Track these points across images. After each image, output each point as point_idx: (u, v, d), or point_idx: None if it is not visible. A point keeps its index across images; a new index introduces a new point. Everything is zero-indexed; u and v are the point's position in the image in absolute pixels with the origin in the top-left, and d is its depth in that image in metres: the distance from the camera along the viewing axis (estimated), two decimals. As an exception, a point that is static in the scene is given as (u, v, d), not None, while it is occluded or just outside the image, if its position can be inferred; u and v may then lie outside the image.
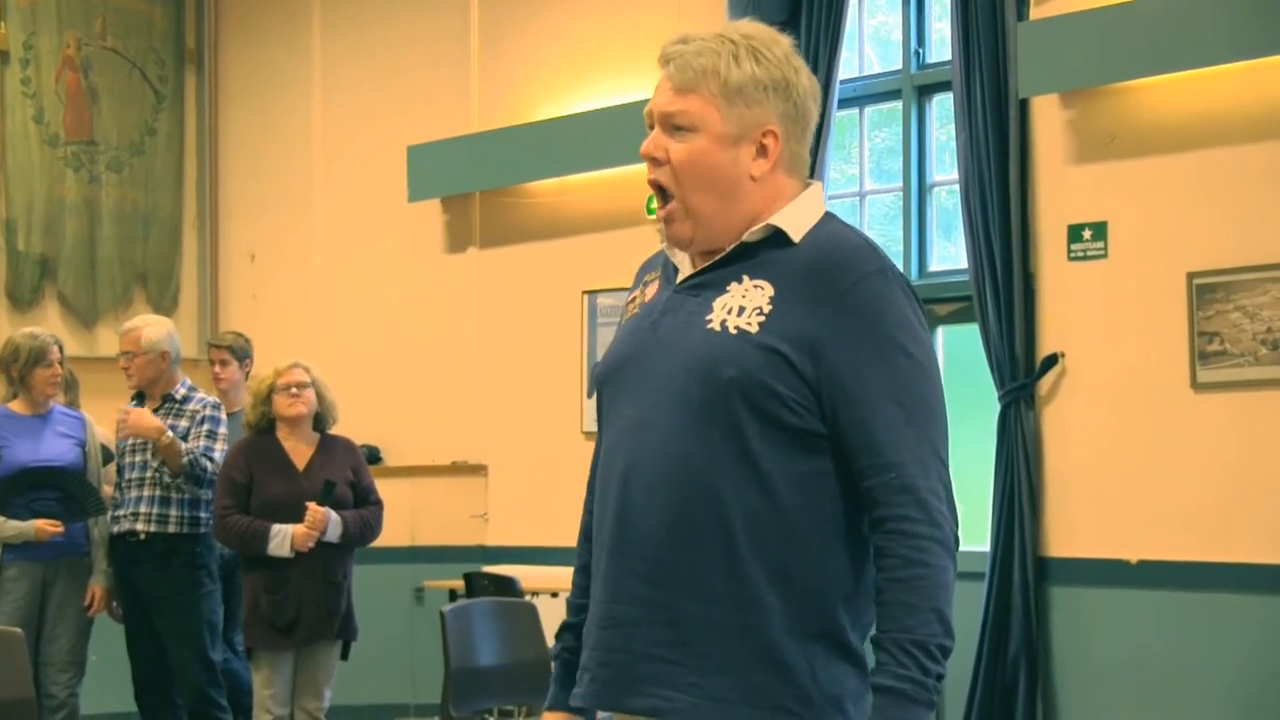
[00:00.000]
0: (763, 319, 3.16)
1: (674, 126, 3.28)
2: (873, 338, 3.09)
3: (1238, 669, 9.27)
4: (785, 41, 3.34)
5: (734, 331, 3.17)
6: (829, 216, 3.34)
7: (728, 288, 3.26)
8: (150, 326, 9.03)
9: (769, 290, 3.20)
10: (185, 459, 8.57)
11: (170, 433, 8.55)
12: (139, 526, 8.73)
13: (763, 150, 3.27)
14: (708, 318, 3.23)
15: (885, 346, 3.08)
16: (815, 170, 10.76)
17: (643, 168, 3.35)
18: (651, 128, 3.32)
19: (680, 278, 3.37)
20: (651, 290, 3.45)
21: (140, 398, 8.93)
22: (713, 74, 3.24)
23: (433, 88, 13.16)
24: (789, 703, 3.13)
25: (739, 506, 2.92)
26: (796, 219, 3.30)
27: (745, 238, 3.29)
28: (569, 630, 3.65)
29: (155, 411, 8.84)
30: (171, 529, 8.68)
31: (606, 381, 3.40)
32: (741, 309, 3.19)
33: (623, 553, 3.25)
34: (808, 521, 3.07)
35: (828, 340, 3.11)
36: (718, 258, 3.31)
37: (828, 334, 3.11)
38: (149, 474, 8.72)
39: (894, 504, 2.95)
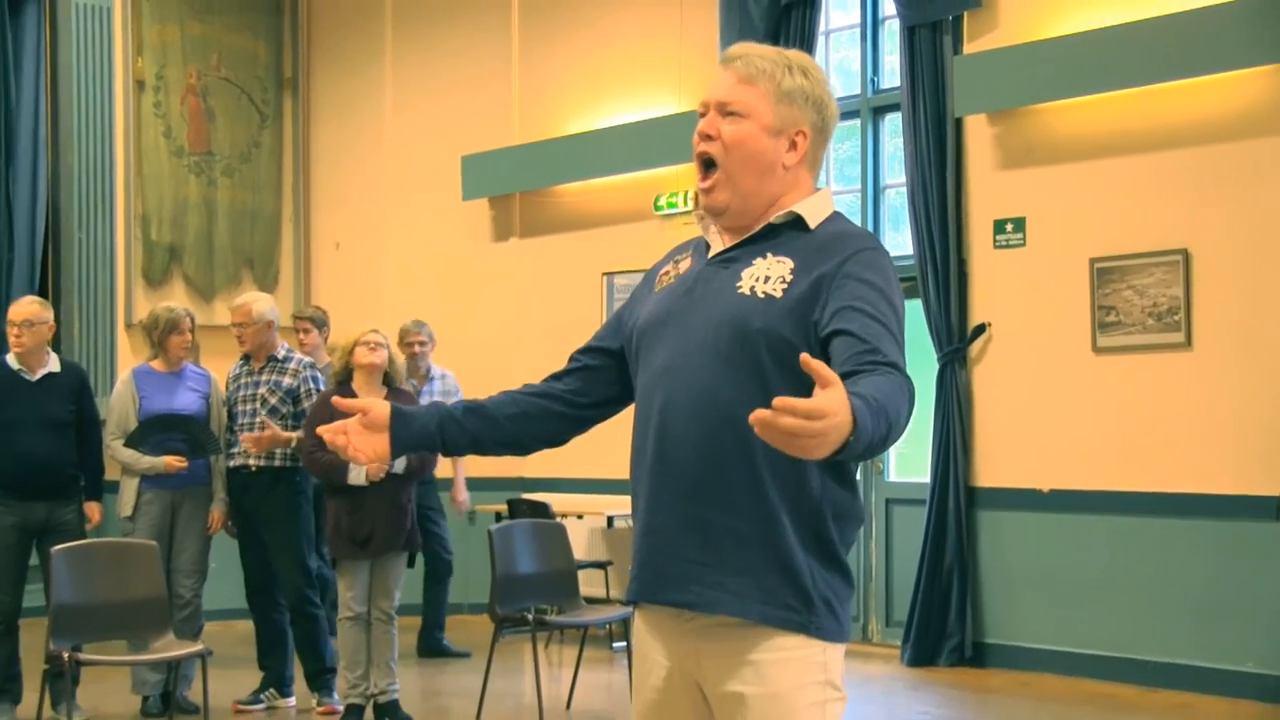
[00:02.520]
0: (785, 286, 3.15)
1: (728, 111, 3.26)
2: (864, 280, 3.09)
3: (1130, 577, 9.30)
4: (824, 73, 3.39)
5: (762, 295, 3.15)
6: (837, 214, 3.36)
7: (754, 261, 3.23)
8: (258, 301, 9.03)
9: (790, 264, 3.19)
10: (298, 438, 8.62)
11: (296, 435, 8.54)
12: (250, 461, 8.72)
13: (793, 145, 3.28)
14: (738, 284, 3.21)
15: (871, 286, 3.08)
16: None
17: (650, 173, 3.32)
18: (704, 114, 3.31)
19: (712, 253, 3.34)
20: (685, 265, 3.40)
21: (247, 359, 8.91)
22: (770, 77, 3.25)
23: (481, 108, 13.09)
24: (793, 601, 3.12)
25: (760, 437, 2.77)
26: (813, 211, 3.29)
27: (773, 220, 3.28)
28: (470, 405, 3.61)
29: (260, 370, 8.84)
30: (276, 463, 8.68)
31: (644, 335, 3.35)
32: (767, 278, 3.18)
33: (661, 472, 3.22)
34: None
35: (829, 282, 3.11)
36: (745, 237, 3.29)
37: (830, 279, 3.11)
38: (258, 420, 8.69)
39: (879, 366, 2.89)
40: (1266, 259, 8.79)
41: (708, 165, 3.28)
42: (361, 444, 3.42)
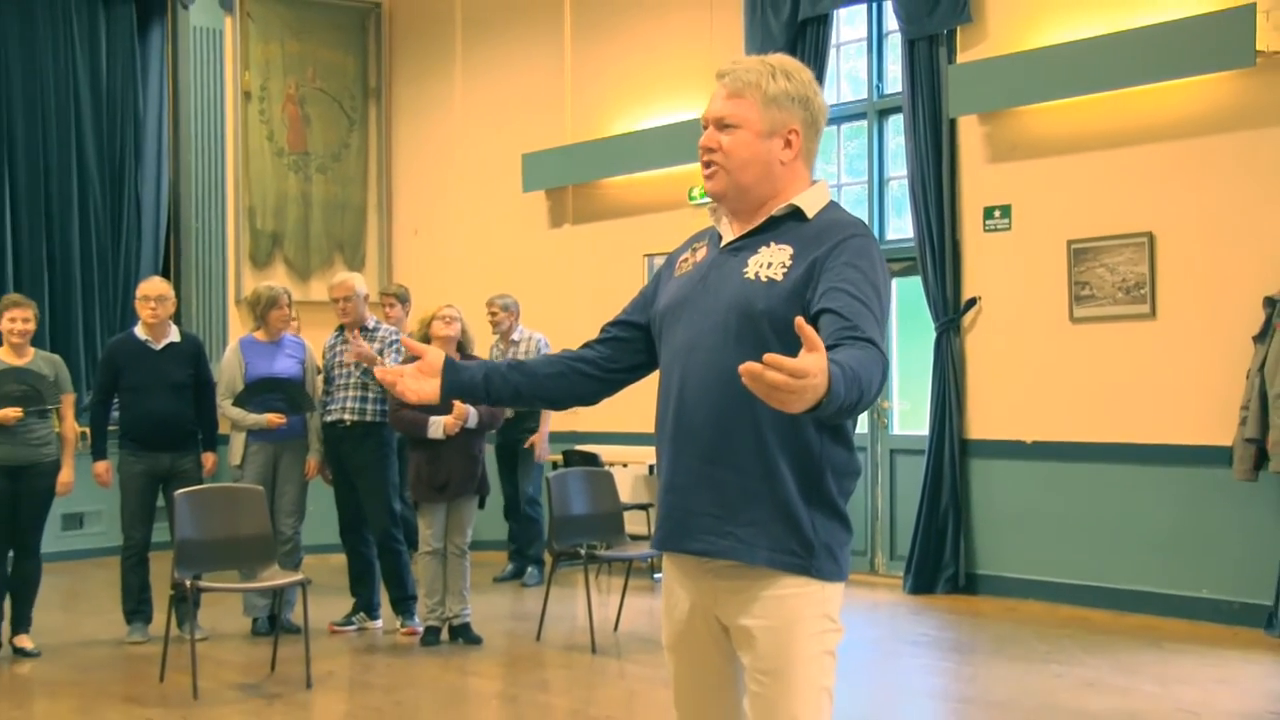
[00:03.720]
0: (785, 270, 3.15)
1: (723, 125, 3.25)
2: (851, 264, 3.10)
3: (1102, 516, 9.30)
4: (808, 72, 3.34)
5: (764, 280, 3.16)
6: (833, 204, 3.33)
7: (758, 250, 3.22)
8: (355, 279, 9.08)
9: (789, 250, 3.19)
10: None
11: (380, 360, 8.54)
12: (345, 416, 8.76)
13: (788, 143, 3.26)
14: (744, 270, 3.21)
15: (856, 269, 3.09)
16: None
17: (684, 168, 3.37)
18: (706, 127, 3.30)
19: (724, 243, 3.32)
20: (701, 253, 3.39)
21: (342, 329, 8.96)
22: (756, 86, 3.23)
23: (538, 112, 13.06)
24: (796, 547, 3.13)
25: (764, 405, 2.74)
26: (810, 202, 3.27)
27: (774, 213, 3.26)
28: (515, 363, 3.62)
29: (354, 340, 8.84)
30: (367, 418, 8.71)
31: (666, 316, 3.36)
32: (769, 264, 3.18)
33: (680, 438, 3.23)
34: (807, 417, 2.90)
35: (821, 265, 3.11)
36: (751, 229, 3.28)
37: (822, 262, 3.11)
38: (352, 380, 8.76)
39: (857, 340, 2.90)
40: (1221, 241, 8.75)
41: (709, 166, 3.29)
42: (413, 385, 3.40)
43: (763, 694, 3.15)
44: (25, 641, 8.34)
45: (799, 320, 2.63)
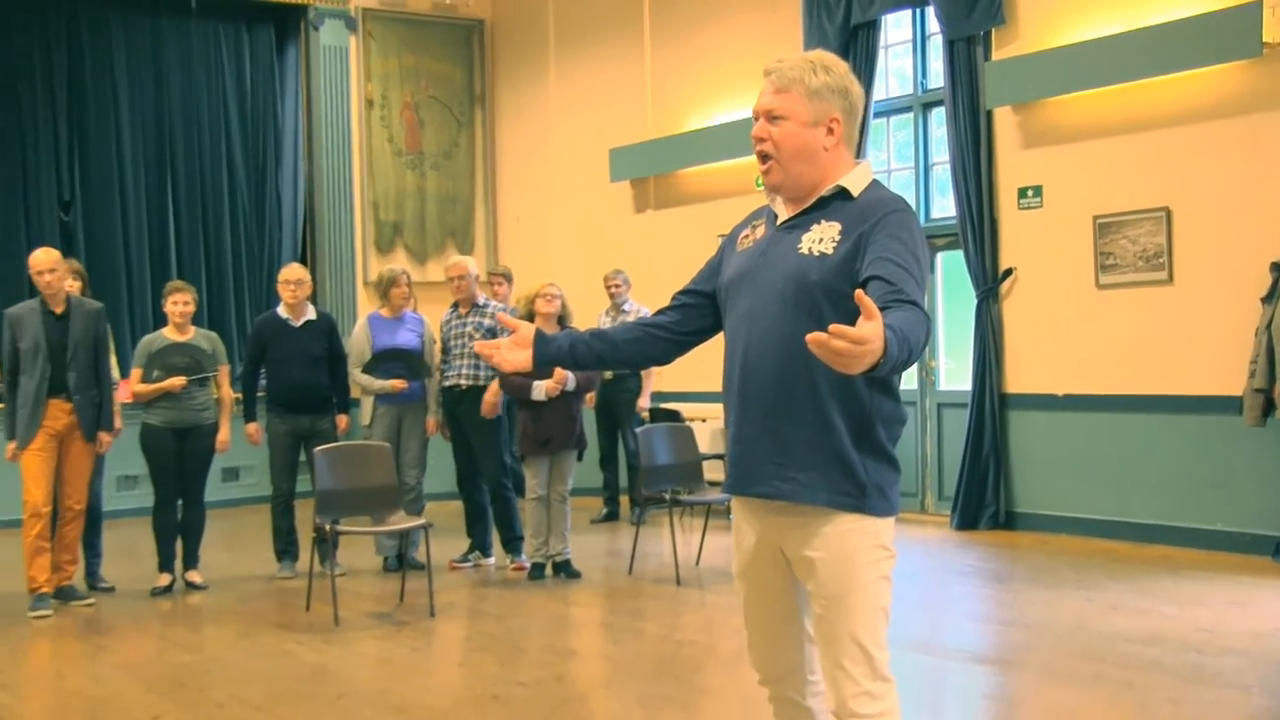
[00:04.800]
0: (835, 244, 3.14)
1: (772, 117, 3.25)
2: (894, 236, 3.09)
3: (1126, 459, 9.21)
4: (845, 64, 3.33)
5: (817, 254, 3.15)
6: (876, 182, 3.31)
7: (810, 228, 3.21)
8: (469, 261, 9.11)
9: (838, 226, 3.18)
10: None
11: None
12: (461, 381, 8.77)
13: (830, 131, 3.24)
14: (799, 246, 3.20)
15: (899, 240, 3.08)
16: (858, 156, 10.63)
17: (750, 161, 3.40)
18: (757, 120, 3.29)
19: (779, 222, 3.32)
20: (759, 231, 3.38)
21: (456, 306, 8.97)
22: (800, 81, 3.23)
23: (623, 111, 13.02)
24: (850, 489, 3.15)
25: (819, 364, 2.78)
26: (855, 182, 3.25)
27: (822, 194, 3.25)
28: (598, 332, 3.66)
29: (467, 314, 8.88)
30: (480, 382, 8.72)
31: (730, 287, 3.37)
32: (821, 239, 3.17)
33: (745, 395, 3.24)
34: (854, 378, 2.99)
35: (867, 238, 3.10)
36: (802, 209, 3.27)
37: (868, 235, 3.10)
38: (467, 349, 8.76)
39: (903, 303, 2.91)
40: (1231, 213, 8.62)
41: (764, 157, 3.28)
42: (507, 356, 3.43)
43: (826, 616, 3.17)
44: (195, 576, 8.49)
45: (859, 293, 2.64)
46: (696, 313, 3.53)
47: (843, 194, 3.25)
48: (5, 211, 12.67)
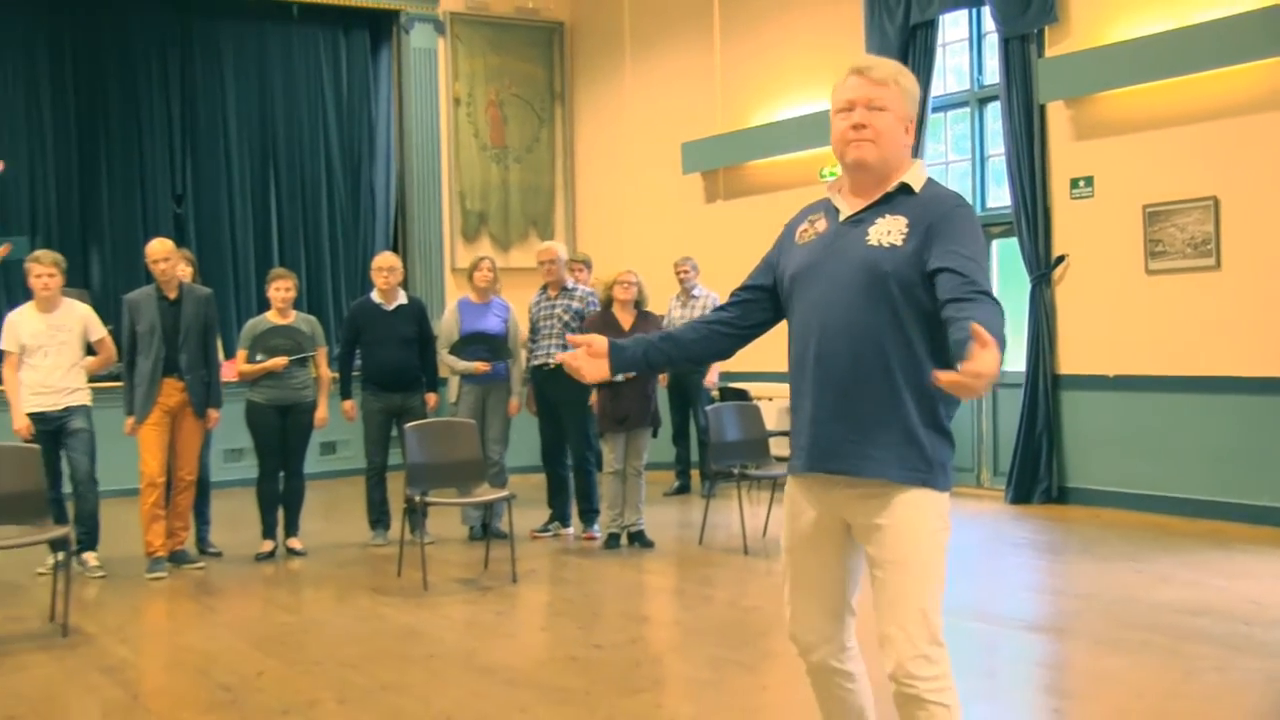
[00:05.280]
0: (904, 236, 3.14)
1: (873, 107, 3.21)
2: (958, 230, 3.11)
3: (1175, 437, 9.08)
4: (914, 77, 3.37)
5: (887, 246, 3.15)
6: (931, 179, 3.30)
7: (876, 221, 3.20)
8: (559, 247, 9.10)
9: (905, 220, 3.17)
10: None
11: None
12: (549, 360, 8.68)
13: (907, 130, 3.26)
14: (867, 239, 3.18)
15: (964, 233, 3.11)
16: (917, 150, 10.56)
17: (814, 152, 3.42)
18: (852, 109, 3.24)
19: (843, 216, 3.28)
20: (820, 225, 3.35)
21: (545, 289, 8.98)
22: (895, 81, 3.24)
23: (694, 107, 12.98)
24: (919, 465, 3.16)
25: (892, 348, 3.00)
26: (916, 178, 3.24)
27: (888, 189, 3.23)
28: (666, 334, 3.63)
29: (556, 297, 8.88)
30: None
31: (797, 279, 3.32)
32: (889, 231, 3.16)
33: (822, 378, 3.21)
34: (925, 356, 3.10)
35: (935, 231, 3.11)
36: (867, 205, 3.24)
37: (935, 229, 3.11)
38: (555, 330, 8.76)
39: (978, 295, 2.96)
40: (1277, 202, 8.46)
41: (860, 140, 3.23)
42: (587, 367, 3.42)
43: (889, 582, 3.16)
44: (295, 543, 8.58)
45: (975, 326, 2.68)
46: (757, 307, 3.49)
47: (905, 189, 3.23)
48: (124, 205, 12.86)
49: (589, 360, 3.44)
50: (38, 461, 6.89)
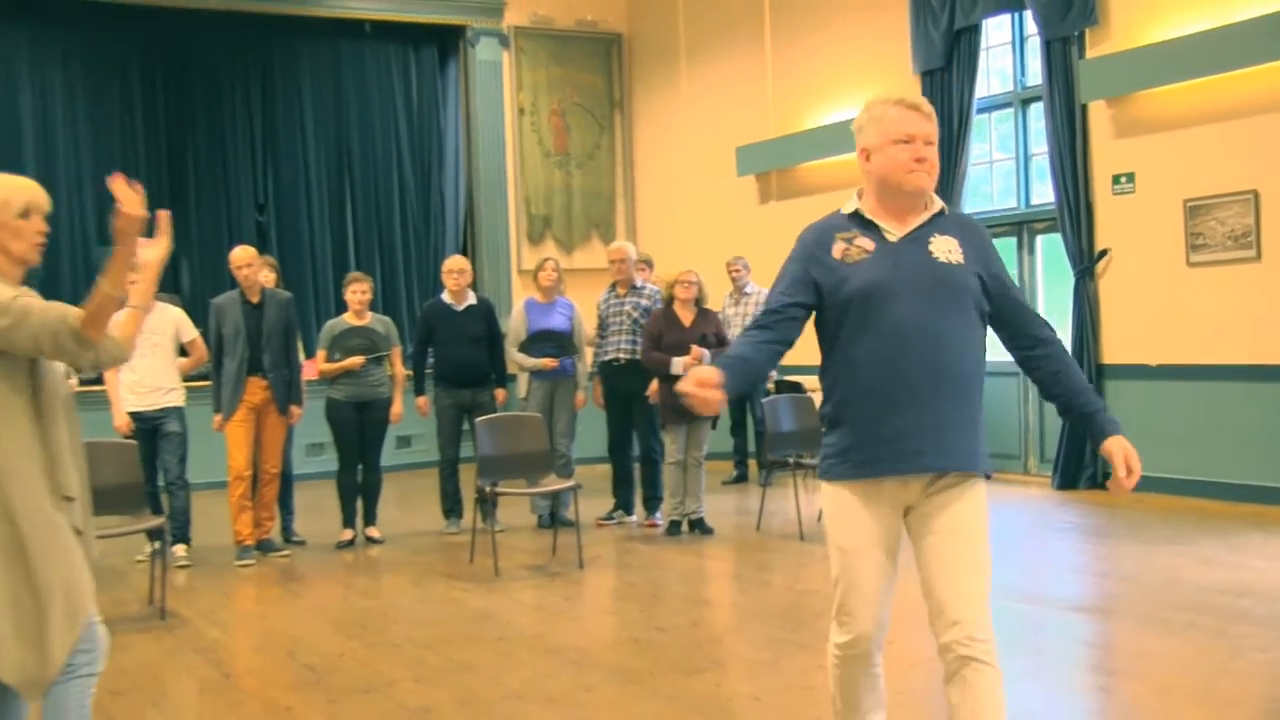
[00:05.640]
0: (961, 255, 3.29)
1: (928, 142, 3.30)
2: (997, 254, 3.41)
3: (1215, 424, 8.93)
4: None
5: (955, 263, 3.29)
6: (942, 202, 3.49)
7: (930, 240, 3.30)
8: (629, 247, 9.12)
9: (955, 240, 3.31)
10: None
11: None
12: (620, 355, 8.76)
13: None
14: (933, 255, 3.29)
15: (999, 258, 3.43)
16: (962, 150, 10.51)
17: (854, 157, 3.38)
18: (911, 141, 3.30)
19: (897, 236, 3.33)
20: (865, 244, 3.34)
21: (614, 287, 8.98)
22: (936, 120, 3.40)
23: (747, 114, 12.94)
24: (982, 460, 3.35)
25: (967, 356, 3.21)
26: (938, 203, 3.40)
27: (934, 212, 3.36)
28: (746, 359, 3.60)
29: (625, 295, 8.88)
30: (635, 356, 8.67)
31: (871, 294, 3.28)
32: (949, 250, 3.29)
33: (914, 384, 3.25)
34: (982, 363, 3.34)
35: (983, 254, 3.35)
36: (918, 224, 3.33)
37: (983, 251, 3.36)
38: (624, 326, 8.77)
39: (1053, 340, 3.42)
40: (1315, 195, 8.36)
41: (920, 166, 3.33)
42: (705, 399, 3.33)
43: (959, 552, 3.28)
44: (373, 532, 8.66)
45: (1125, 482, 3.46)
46: (798, 324, 3.45)
47: (941, 211, 3.38)
48: (210, 213, 13.02)
49: (705, 393, 3.39)
50: (136, 457, 7.01)
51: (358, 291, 8.55)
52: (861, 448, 3.32)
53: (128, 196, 3.22)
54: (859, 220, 3.37)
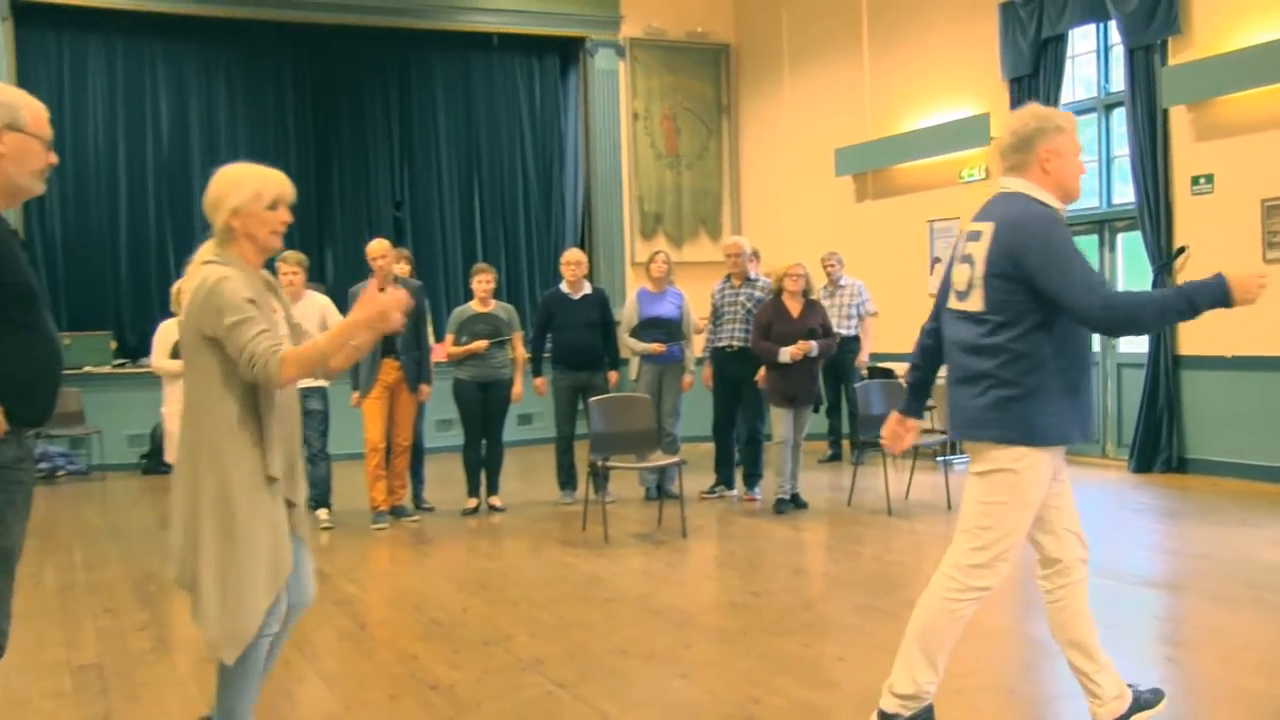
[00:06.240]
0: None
1: None
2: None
3: (1289, 413, 8.66)
4: None
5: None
6: None
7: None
8: (744, 241, 9.07)
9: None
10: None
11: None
12: (732, 342, 8.73)
13: None
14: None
15: None
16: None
17: (954, 156, 3.59)
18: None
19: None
20: None
21: (728, 278, 8.96)
22: None
23: (845, 117, 12.85)
24: None
25: None
26: None
27: None
28: (915, 367, 3.98)
29: (739, 287, 8.84)
30: (747, 344, 8.59)
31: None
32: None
33: (1088, 360, 3.57)
34: None
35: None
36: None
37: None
38: (738, 315, 8.75)
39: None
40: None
41: None
42: (902, 441, 3.93)
43: (1069, 503, 3.67)
44: (496, 500, 8.76)
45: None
46: None
47: None
48: (352, 210, 13.31)
49: (903, 434, 3.92)
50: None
51: (483, 281, 8.65)
52: (1074, 413, 3.46)
53: (394, 306, 3.27)
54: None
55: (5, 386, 3.09)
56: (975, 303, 3.48)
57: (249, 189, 3.41)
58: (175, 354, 7.95)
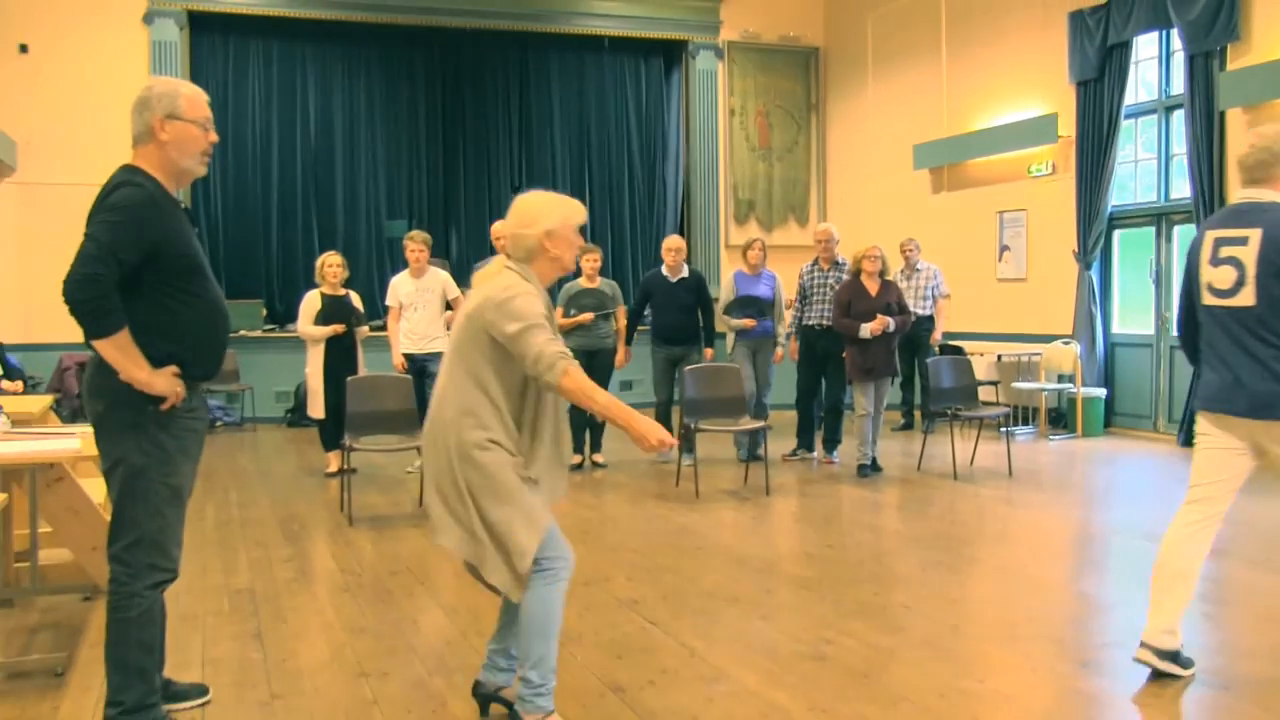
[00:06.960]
0: None
1: None
2: None
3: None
4: None
5: None
6: None
7: None
8: (833, 228, 9.03)
9: None
10: None
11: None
12: (822, 321, 8.76)
13: None
14: None
15: None
16: (1111, 151, 10.13)
17: (1024, 152, 3.54)
18: None
19: None
20: None
21: (815, 261, 8.95)
22: None
23: (923, 114, 12.72)
24: None
25: None
26: None
27: None
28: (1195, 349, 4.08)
29: (828, 270, 8.84)
30: (832, 324, 8.53)
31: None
32: None
33: None
34: None
35: None
36: None
37: None
38: (827, 297, 8.75)
39: None
40: None
41: None
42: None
43: None
44: (598, 457, 8.88)
45: None
46: None
47: None
48: (475, 194, 13.54)
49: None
50: (410, 390, 7.42)
51: (590, 260, 8.71)
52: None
53: (653, 446, 3.26)
54: None
55: (180, 346, 3.27)
56: (1247, 298, 3.62)
57: (558, 214, 3.46)
58: (318, 321, 8.25)
